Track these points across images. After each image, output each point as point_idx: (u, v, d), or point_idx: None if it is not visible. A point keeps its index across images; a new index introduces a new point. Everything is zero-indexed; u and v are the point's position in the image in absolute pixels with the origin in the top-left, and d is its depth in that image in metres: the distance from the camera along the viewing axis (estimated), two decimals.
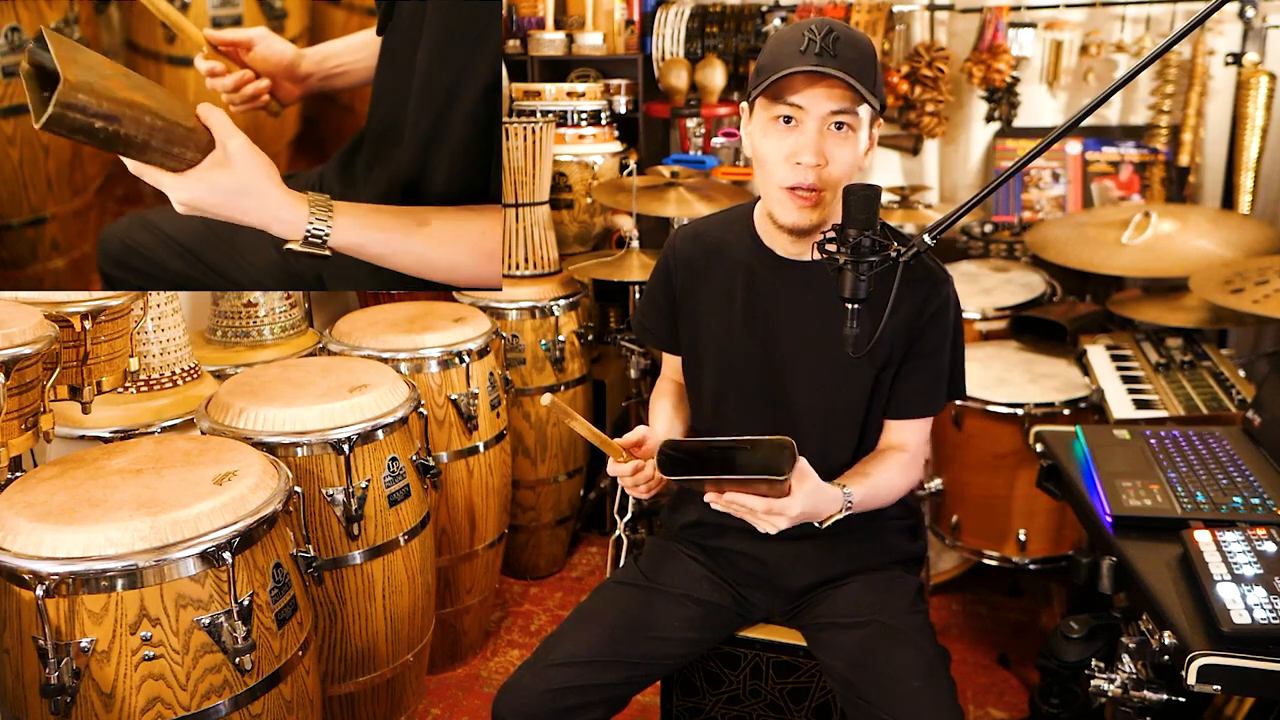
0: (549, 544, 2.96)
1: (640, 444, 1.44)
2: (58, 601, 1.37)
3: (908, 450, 1.55)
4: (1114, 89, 1.31)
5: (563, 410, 1.35)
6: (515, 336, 2.77)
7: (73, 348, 1.69)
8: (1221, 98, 3.01)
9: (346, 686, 1.99)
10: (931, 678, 1.43)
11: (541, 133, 2.75)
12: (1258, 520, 1.42)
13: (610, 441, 1.41)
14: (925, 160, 3.36)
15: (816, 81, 1.35)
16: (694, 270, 1.60)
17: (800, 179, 1.39)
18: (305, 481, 1.86)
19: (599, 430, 1.40)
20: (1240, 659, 1.15)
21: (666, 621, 1.57)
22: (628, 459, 1.42)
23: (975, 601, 2.75)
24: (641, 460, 1.42)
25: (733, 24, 3.28)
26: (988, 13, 3.11)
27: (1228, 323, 2.48)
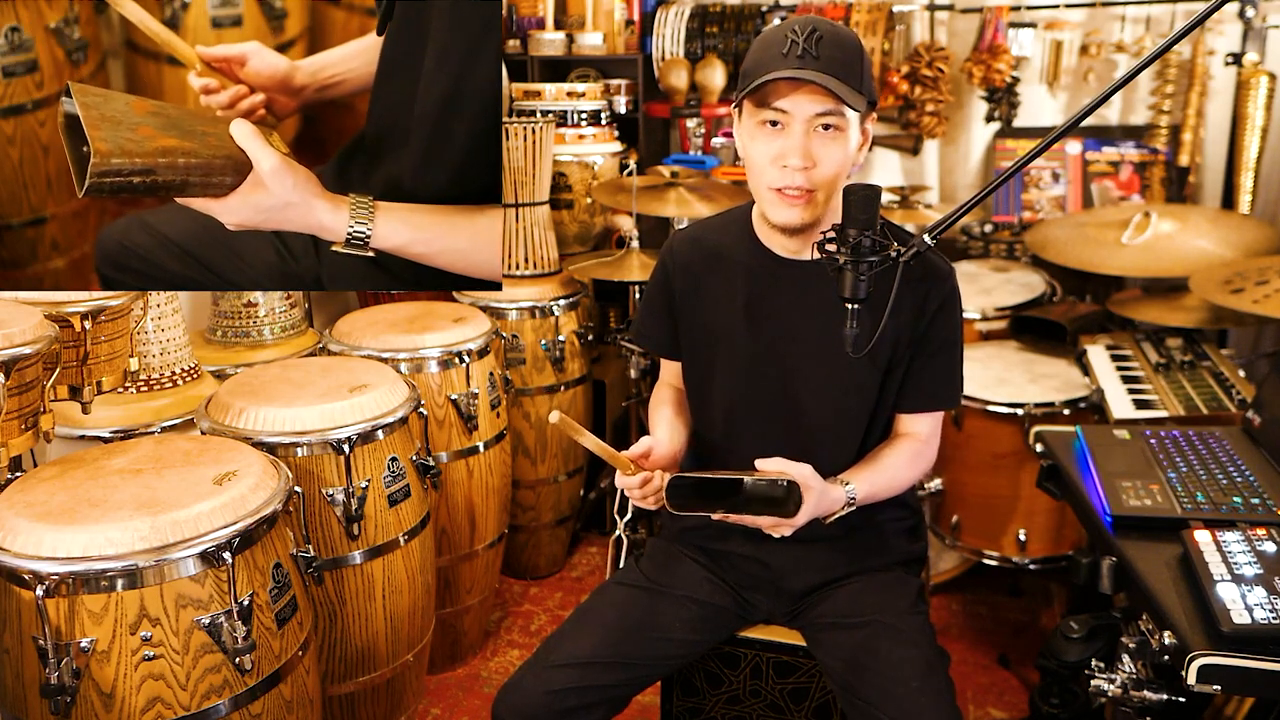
0: (549, 544, 2.96)
1: (647, 455, 1.44)
2: (58, 601, 1.37)
3: (918, 439, 1.56)
4: (1114, 89, 1.31)
5: (570, 426, 1.34)
6: (515, 336, 2.77)
7: (73, 348, 1.69)
8: (1221, 98, 3.01)
9: (346, 686, 1.99)
10: (931, 678, 1.43)
11: (541, 133, 2.75)
12: (1258, 520, 1.42)
13: (618, 455, 1.41)
14: (925, 160, 3.36)
15: (800, 85, 1.35)
16: (694, 274, 1.60)
17: (788, 181, 1.40)
18: (305, 481, 1.86)
19: (605, 444, 1.40)
20: (1240, 659, 1.15)
21: (667, 622, 1.57)
22: (636, 471, 1.42)
23: (975, 601, 2.75)
24: (650, 472, 1.42)
25: (733, 24, 3.28)
26: (988, 13, 3.11)
27: (1228, 323, 2.48)
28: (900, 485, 1.54)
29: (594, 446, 1.38)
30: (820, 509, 1.38)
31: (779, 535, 1.38)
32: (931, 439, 1.58)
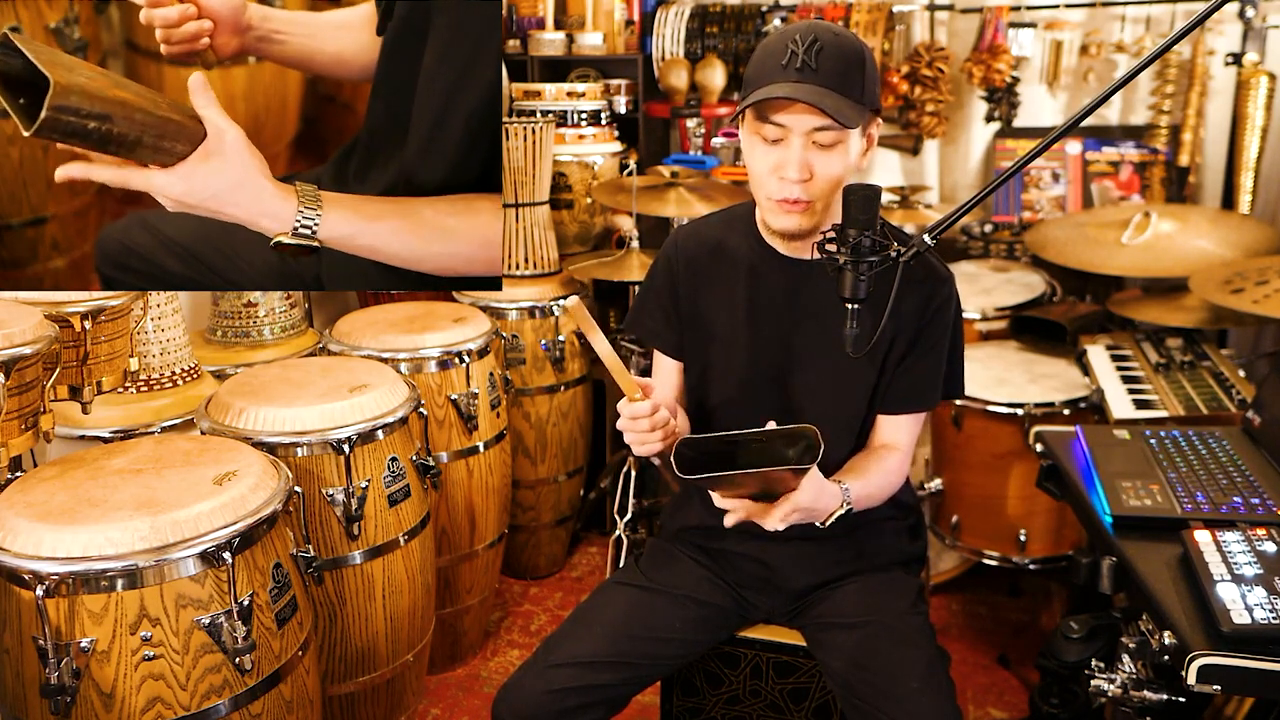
0: (549, 544, 2.96)
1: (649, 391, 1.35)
2: (58, 601, 1.37)
3: (899, 449, 1.55)
4: (1114, 89, 1.30)
5: (584, 319, 1.24)
6: (515, 336, 2.77)
7: (73, 348, 1.69)
8: (1221, 98, 3.01)
9: (346, 686, 1.99)
10: (930, 679, 1.43)
11: (541, 133, 2.75)
12: (1258, 520, 1.42)
13: (628, 375, 1.29)
14: (925, 160, 3.36)
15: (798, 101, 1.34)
16: (698, 269, 1.60)
17: (786, 193, 1.40)
18: (305, 481, 1.86)
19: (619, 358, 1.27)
20: (1240, 659, 1.15)
21: (667, 622, 1.57)
22: (644, 397, 1.32)
23: (975, 601, 2.75)
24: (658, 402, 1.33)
25: (733, 24, 3.28)
26: (988, 13, 3.11)
27: (1228, 323, 2.48)
28: (887, 493, 1.53)
29: (605, 354, 1.26)
30: (818, 496, 1.33)
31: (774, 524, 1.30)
32: (910, 448, 1.58)
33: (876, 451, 1.55)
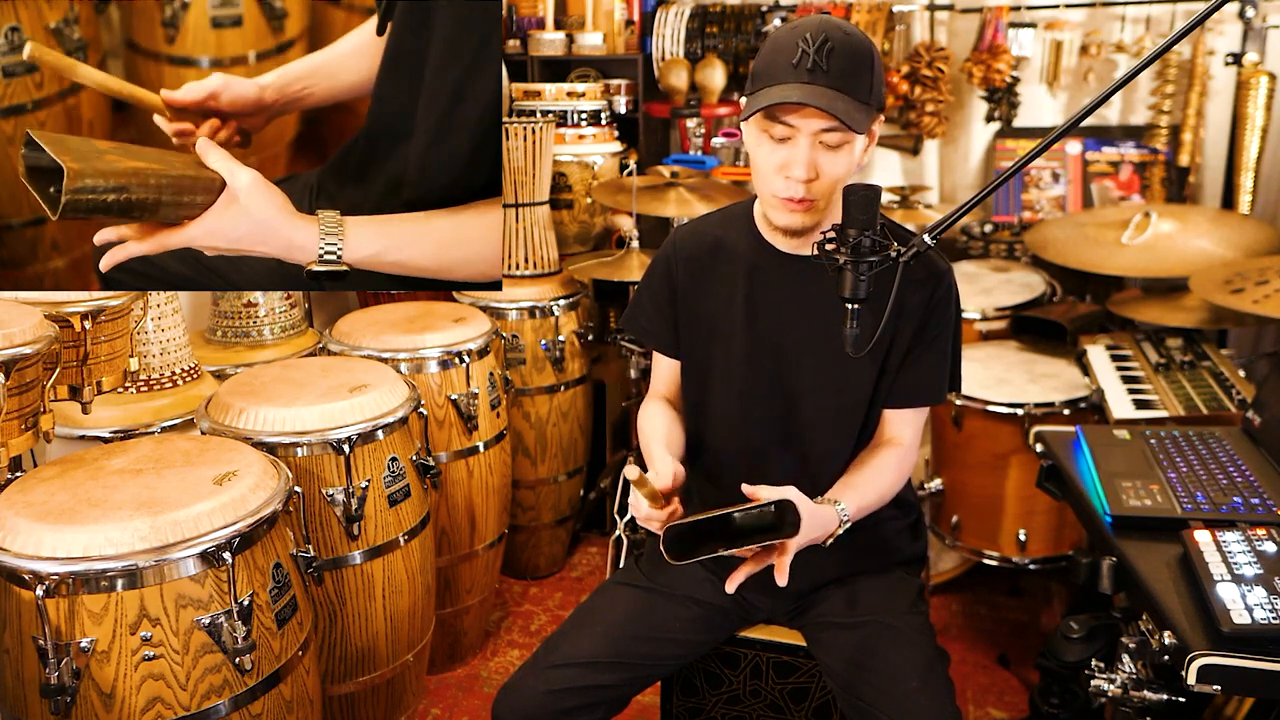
0: (549, 544, 2.96)
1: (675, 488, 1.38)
2: (58, 601, 1.37)
3: (902, 445, 1.55)
4: (1114, 89, 1.30)
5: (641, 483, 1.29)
6: (515, 336, 2.77)
7: (73, 348, 1.69)
8: (1221, 98, 3.01)
9: (346, 686, 1.99)
10: (931, 678, 1.43)
11: (541, 133, 2.75)
12: (1258, 520, 1.42)
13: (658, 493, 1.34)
14: (925, 160, 3.36)
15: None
16: (697, 267, 1.60)
17: (791, 192, 1.40)
18: (305, 481, 1.86)
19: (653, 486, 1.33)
20: (1240, 659, 1.15)
21: (667, 622, 1.57)
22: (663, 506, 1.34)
23: (975, 601, 2.75)
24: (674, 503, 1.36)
25: (733, 24, 3.28)
26: (988, 13, 3.11)
27: (1228, 323, 2.48)
28: (887, 496, 1.52)
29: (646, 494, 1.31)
30: (813, 532, 1.34)
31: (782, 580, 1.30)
32: (914, 443, 1.57)
33: (876, 451, 1.55)
